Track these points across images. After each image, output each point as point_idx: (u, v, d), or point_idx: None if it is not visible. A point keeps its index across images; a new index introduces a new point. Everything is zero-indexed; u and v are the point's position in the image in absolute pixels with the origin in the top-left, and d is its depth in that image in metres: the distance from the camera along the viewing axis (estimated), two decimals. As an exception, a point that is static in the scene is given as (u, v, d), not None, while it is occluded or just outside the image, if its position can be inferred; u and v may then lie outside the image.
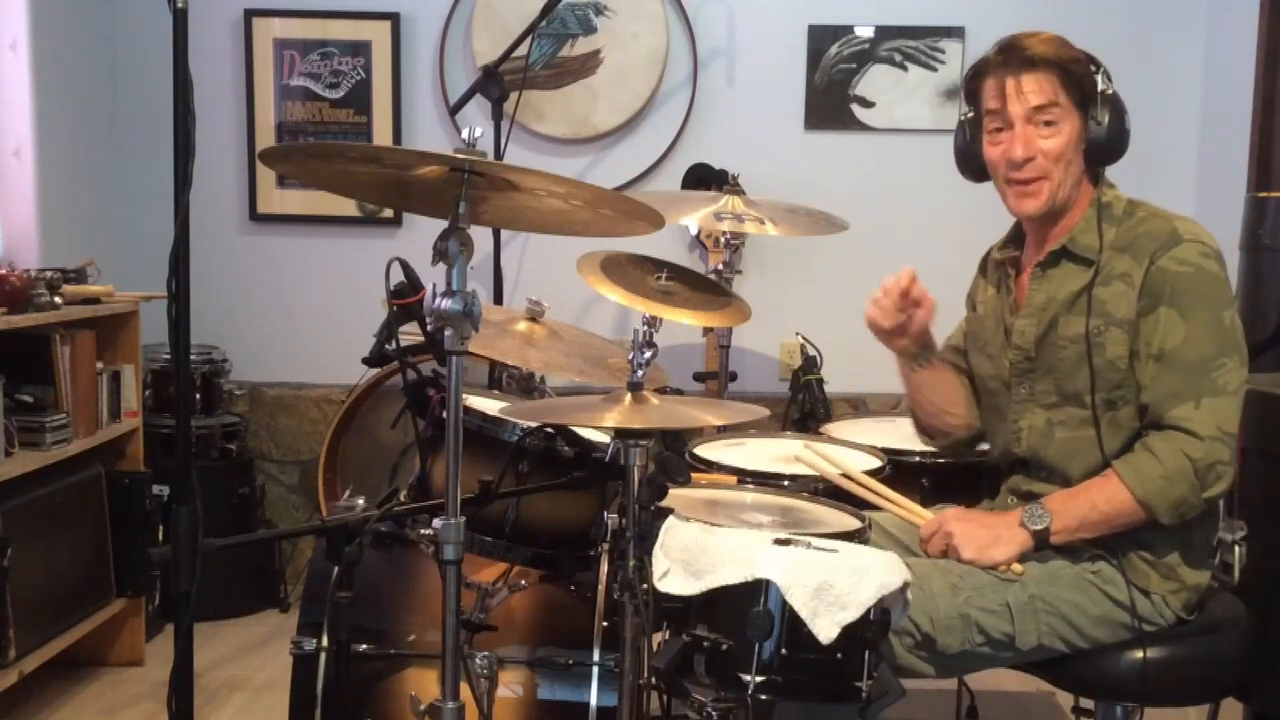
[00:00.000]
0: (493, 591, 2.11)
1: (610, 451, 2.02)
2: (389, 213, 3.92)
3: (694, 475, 2.09)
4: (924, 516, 2.04)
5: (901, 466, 2.38)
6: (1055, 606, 1.88)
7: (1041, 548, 1.90)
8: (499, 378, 3.04)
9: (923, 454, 2.40)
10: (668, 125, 3.84)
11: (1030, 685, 2.40)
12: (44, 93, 3.44)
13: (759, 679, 1.57)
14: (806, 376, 3.39)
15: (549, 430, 2.07)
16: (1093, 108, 1.92)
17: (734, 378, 3.41)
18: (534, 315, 2.29)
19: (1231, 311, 1.91)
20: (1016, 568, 1.89)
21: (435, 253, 1.59)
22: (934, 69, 3.79)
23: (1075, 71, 1.92)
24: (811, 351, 3.44)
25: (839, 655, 1.56)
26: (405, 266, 1.86)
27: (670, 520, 1.75)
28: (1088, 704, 2.01)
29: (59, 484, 2.99)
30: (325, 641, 2.04)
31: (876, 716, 1.69)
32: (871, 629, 1.56)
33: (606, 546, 2.05)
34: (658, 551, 1.70)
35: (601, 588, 2.13)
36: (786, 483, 2.21)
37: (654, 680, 1.85)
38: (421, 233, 3.76)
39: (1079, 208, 1.99)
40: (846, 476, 2.16)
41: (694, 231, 3.43)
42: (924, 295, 2.04)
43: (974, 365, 2.17)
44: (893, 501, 2.10)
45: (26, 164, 3.42)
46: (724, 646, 1.58)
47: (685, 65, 3.82)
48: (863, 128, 3.83)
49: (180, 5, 1.77)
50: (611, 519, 1.93)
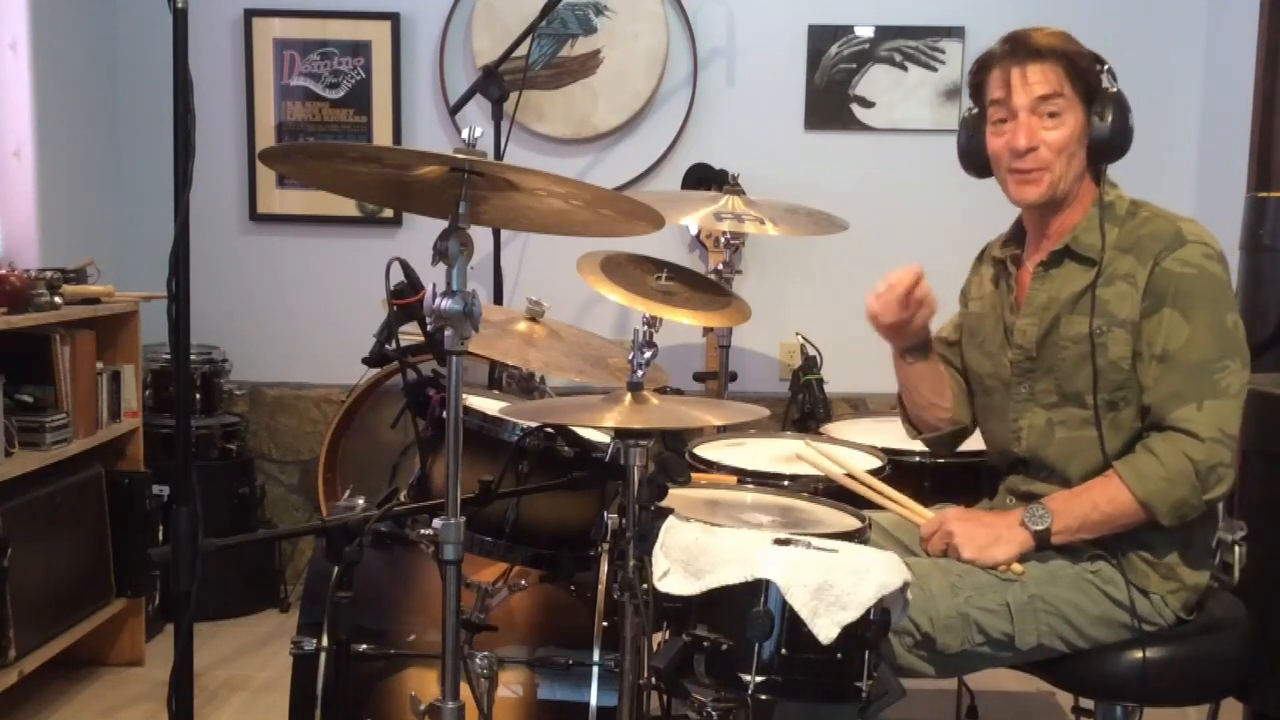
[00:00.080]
0: (493, 591, 2.11)
1: (610, 451, 2.02)
2: (389, 213, 3.92)
3: (694, 475, 2.09)
4: (925, 516, 2.04)
5: (901, 466, 2.38)
6: (1055, 606, 1.88)
7: (1042, 548, 1.90)
8: (499, 378, 3.04)
9: (922, 454, 2.39)
10: (668, 125, 3.84)
11: (1030, 685, 2.40)
12: (44, 93, 3.44)
13: (759, 679, 1.57)
14: (806, 376, 3.38)
15: (549, 430, 2.07)
16: (1097, 104, 1.93)
17: (734, 378, 3.41)
18: (534, 315, 2.29)
19: (1234, 314, 1.91)
20: (1016, 568, 1.89)
21: (435, 253, 1.59)
22: (934, 69, 3.79)
23: (1081, 65, 1.92)
24: (811, 351, 3.44)
25: (839, 655, 1.56)
26: (405, 266, 1.86)
27: (670, 520, 1.75)
28: (1088, 704, 2.01)
29: (59, 484, 2.99)
30: (325, 641, 2.04)
31: (876, 716, 1.69)
32: (871, 629, 1.56)
33: (606, 546, 2.04)
34: (658, 551, 1.69)
35: (601, 588, 2.12)
36: (786, 483, 2.21)
37: (654, 680, 1.84)
38: (421, 233, 3.76)
39: (1081, 206, 1.99)
40: (849, 475, 2.16)
41: (694, 231, 3.43)
42: (927, 296, 2.04)
43: (971, 363, 2.17)
44: (893, 500, 2.10)
45: (26, 164, 3.42)
46: (724, 646, 1.58)
47: (685, 65, 3.82)
48: (863, 128, 3.83)
49: (180, 5, 1.77)
50: (611, 519, 1.92)
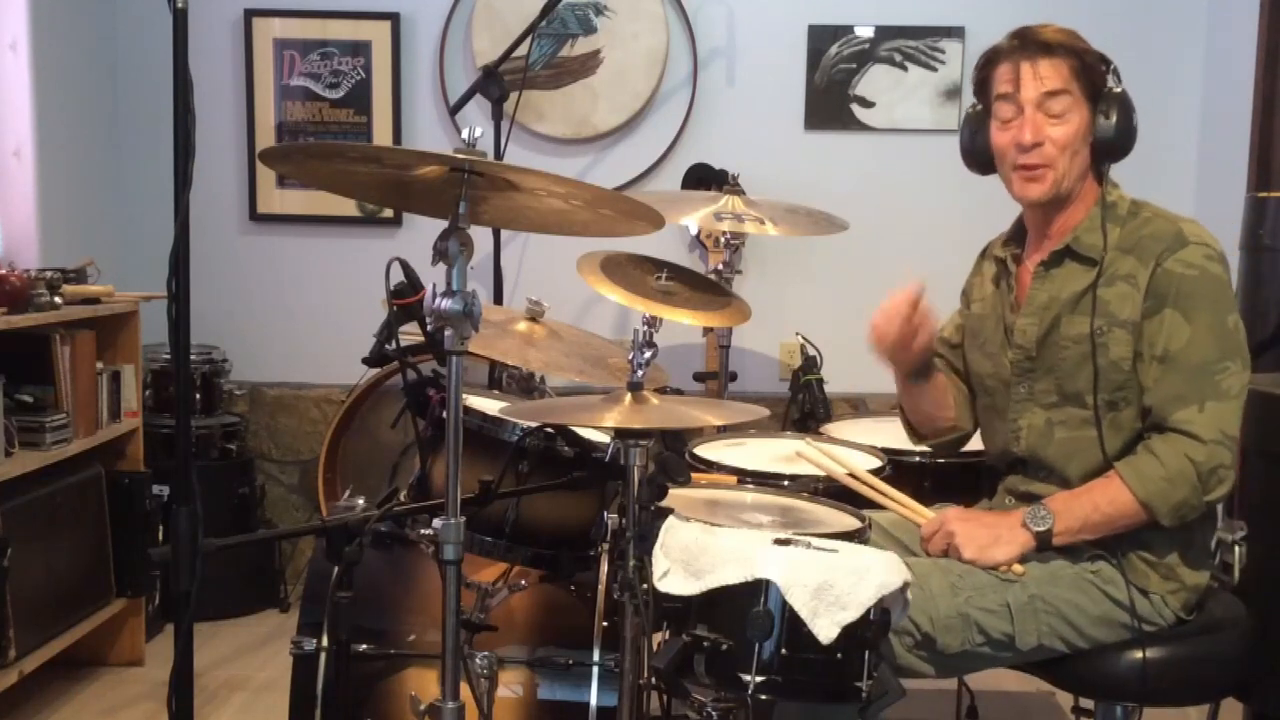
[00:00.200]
0: (493, 591, 2.11)
1: (610, 451, 2.02)
2: (389, 213, 3.92)
3: (694, 475, 2.09)
4: (925, 515, 2.04)
5: (901, 466, 2.38)
6: (1055, 606, 1.88)
7: (1043, 548, 1.90)
8: (499, 378, 3.04)
9: (922, 454, 2.40)
10: (668, 125, 3.84)
11: (1030, 685, 2.40)
12: (44, 93, 3.44)
13: (759, 679, 1.56)
14: (806, 376, 3.38)
15: (549, 430, 2.07)
16: (1102, 103, 1.93)
17: (734, 378, 3.40)
18: (534, 315, 2.29)
19: (1235, 315, 1.91)
20: (1017, 568, 1.89)
21: (435, 253, 1.59)
22: (934, 69, 3.79)
23: (1088, 63, 1.93)
24: (811, 351, 3.44)
25: (839, 655, 1.56)
26: (405, 266, 1.86)
27: (670, 520, 1.75)
28: (1088, 704, 2.01)
29: (59, 484, 2.99)
30: (325, 641, 2.04)
31: (876, 716, 1.69)
32: (871, 629, 1.56)
33: (606, 546, 2.04)
34: (658, 551, 1.69)
35: (601, 588, 2.12)
36: (786, 483, 2.21)
37: (654, 680, 1.84)
38: (421, 233, 3.76)
39: (1083, 205, 1.99)
40: (851, 475, 2.16)
41: (694, 231, 3.43)
42: (926, 319, 2.02)
43: (972, 364, 2.17)
44: (893, 499, 2.10)
45: (26, 164, 3.42)
46: (724, 646, 1.58)
47: (685, 65, 3.82)
48: (863, 128, 3.83)
49: (180, 5, 1.77)
50: (611, 519, 1.92)
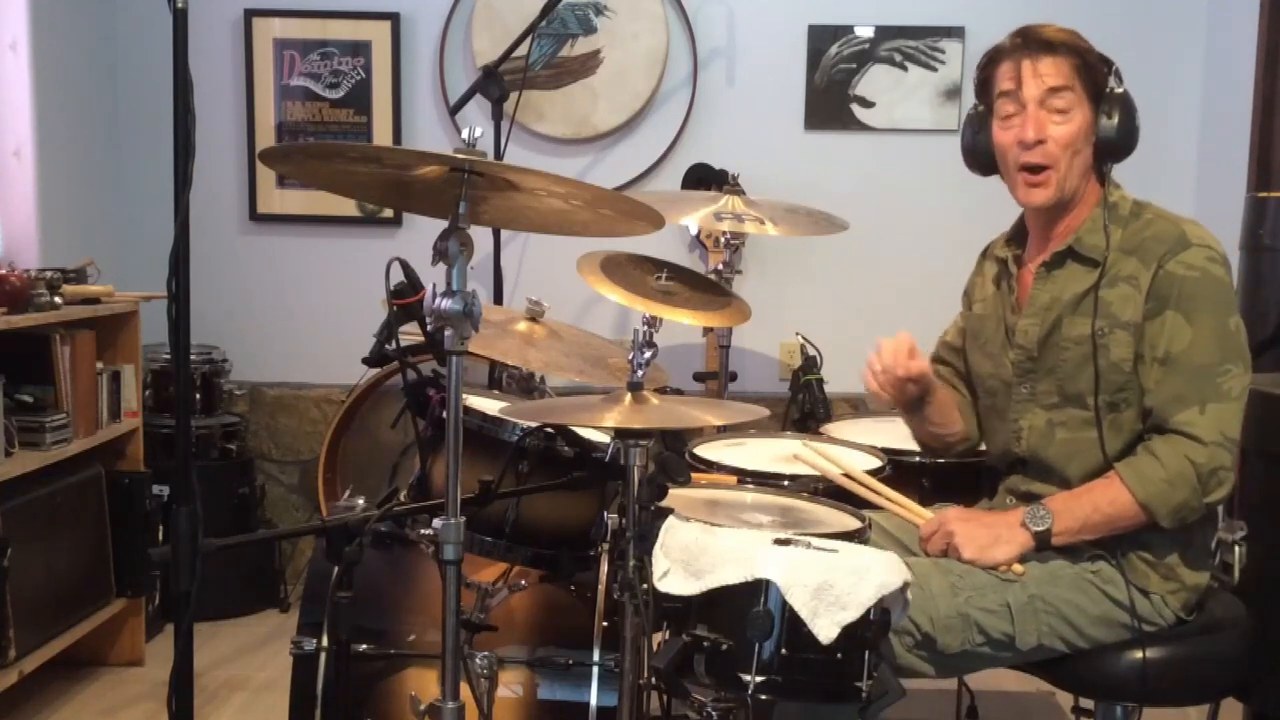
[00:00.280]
0: (493, 591, 2.11)
1: (610, 451, 2.02)
2: (389, 213, 3.92)
3: (694, 475, 2.08)
4: (924, 516, 2.04)
5: (901, 466, 2.38)
6: (1055, 606, 1.88)
7: (1043, 549, 1.90)
8: (499, 378, 3.04)
9: (922, 454, 2.39)
10: (668, 125, 3.84)
11: (1030, 685, 2.40)
12: (44, 93, 3.44)
13: (759, 679, 1.56)
14: (806, 376, 3.38)
15: (549, 430, 2.07)
16: (1104, 103, 1.93)
17: (734, 378, 3.40)
18: (534, 315, 2.29)
19: (1236, 318, 1.91)
20: (1017, 568, 1.89)
21: (435, 253, 1.59)
22: (934, 69, 3.79)
23: (1090, 62, 1.93)
24: (811, 351, 3.43)
25: (839, 655, 1.56)
26: (405, 266, 1.86)
27: (670, 520, 1.75)
28: (1088, 704, 2.01)
29: (59, 484, 2.99)
30: (325, 641, 2.04)
31: (876, 716, 1.69)
32: (871, 629, 1.56)
33: (606, 546, 2.04)
34: (658, 551, 1.69)
35: (601, 588, 2.12)
36: (786, 483, 2.21)
37: (654, 680, 1.84)
38: (421, 233, 3.76)
39: (1085, 206, 1.99)
40: (847, 476, 2.16)
41: (694, 231, 3.43)
42: (924, 375, 2.06)
43: (972, 363, 2.17)
44: (893, 500, 2.10)
45: (26, 164, 3.42)
46: (724, 646, 1.58)
47: (685, 65, 3.82)
48: (863, 128, 3.83)
49: (180, 5, 1.77)
50: (611, 519, 1.92)
